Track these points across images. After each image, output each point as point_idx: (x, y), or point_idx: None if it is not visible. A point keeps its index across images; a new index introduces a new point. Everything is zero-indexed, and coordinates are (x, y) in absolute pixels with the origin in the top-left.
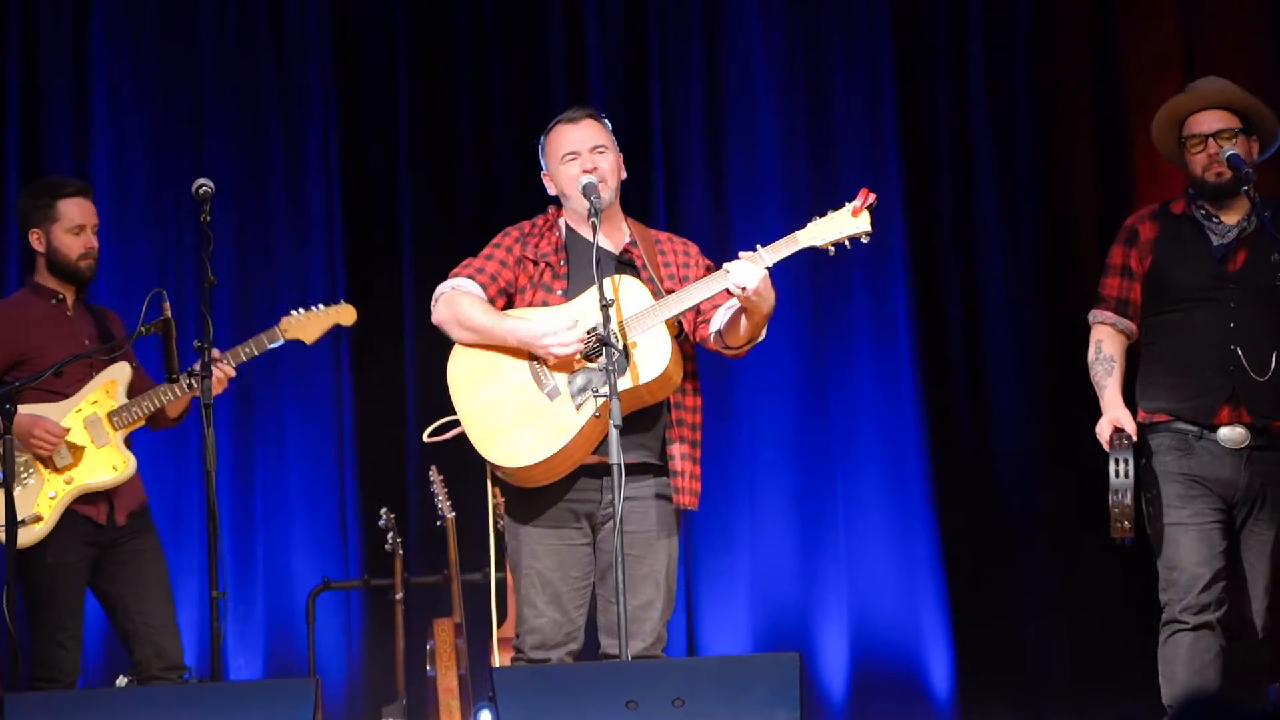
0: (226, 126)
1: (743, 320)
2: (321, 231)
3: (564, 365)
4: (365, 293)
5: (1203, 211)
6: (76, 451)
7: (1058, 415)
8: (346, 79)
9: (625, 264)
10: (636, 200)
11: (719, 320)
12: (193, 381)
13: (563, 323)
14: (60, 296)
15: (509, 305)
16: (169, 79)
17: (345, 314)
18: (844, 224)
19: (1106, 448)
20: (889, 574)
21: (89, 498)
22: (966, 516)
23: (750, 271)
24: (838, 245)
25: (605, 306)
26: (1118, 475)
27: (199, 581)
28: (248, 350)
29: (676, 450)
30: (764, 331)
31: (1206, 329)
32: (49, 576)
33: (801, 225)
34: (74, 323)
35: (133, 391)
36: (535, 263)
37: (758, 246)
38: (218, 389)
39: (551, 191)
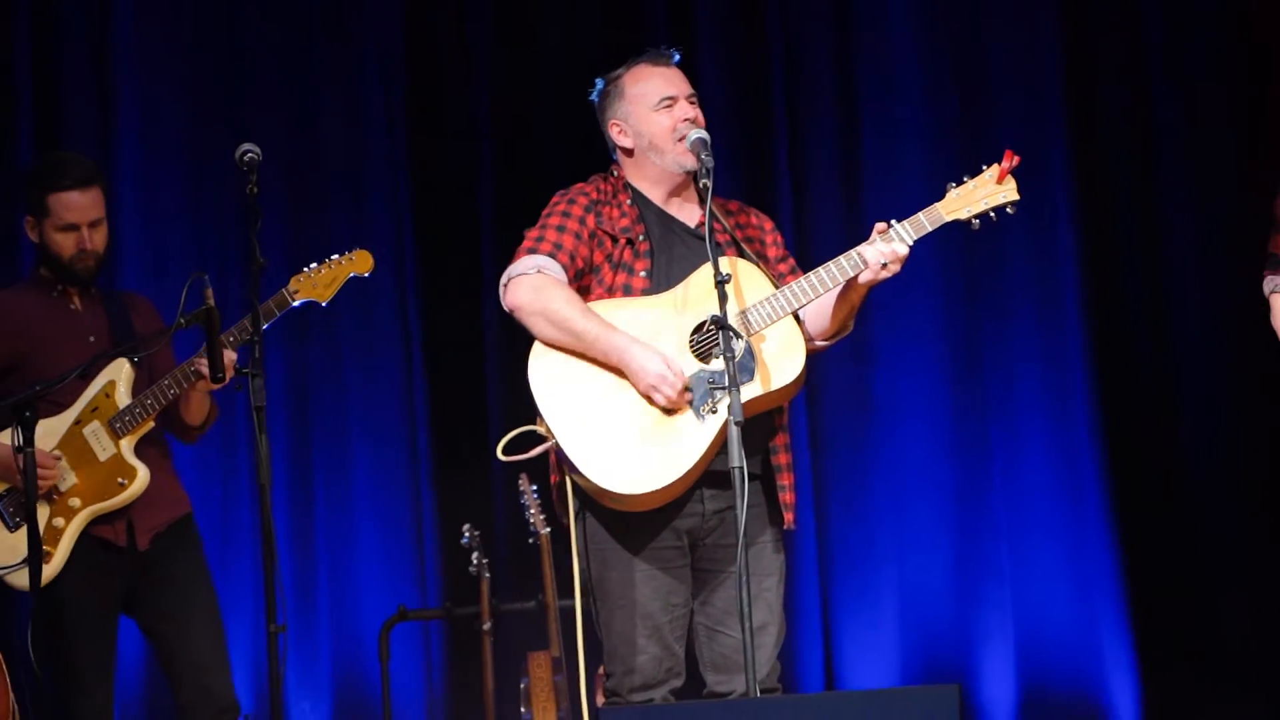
0: (272, 85)
1: (846, 302)
2: (387, 207)
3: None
4: (438, 273)
5: None
6: (81, 470)
7: (1258, 400)
8: (414, 30)
9: (701, 240)
10: (752, 163)
11: (807, 310)
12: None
13: (670, 363)
14: (61, 288)
15: (583, 289)
16: (203, 28)
17: (361, 262)
18: (987, 192)
19: None
20: (1061, 589)
21: (104, 518)
22: (1150, 520)
23: (893, 256)
24: (982, 217)
25: (721, 283)
26: None
27: (253, 615)
28: (253, 322)
29: (783, 459)
30: (853, 323)
31: None
32: (62, 613)
33: (944, 184)
34: (79, 317)
35: (139, 391)
36: (614, 238)
37: (892, 222)
38: (224, 378)
39: (625, 144)
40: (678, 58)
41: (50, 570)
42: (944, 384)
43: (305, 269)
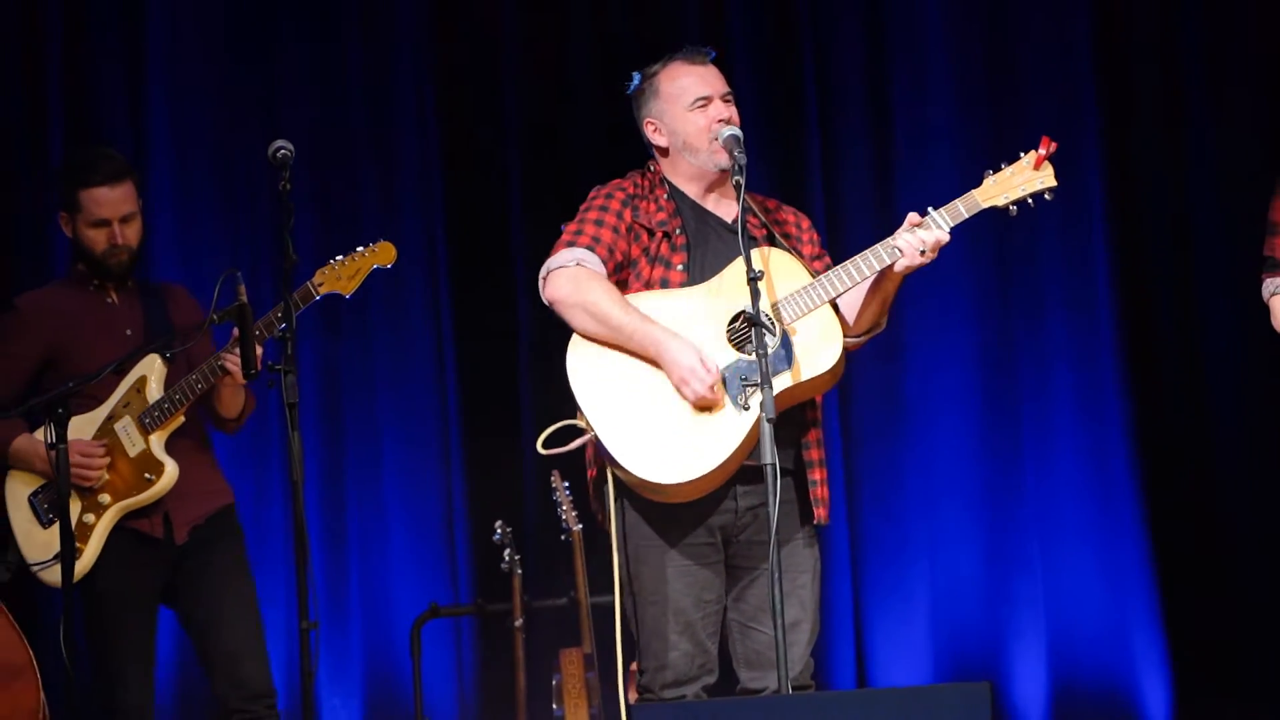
0: (303, 80)
1: (880, 296)
2: (417, 202)
3: (717, 358)
4: (470, 263)
5: None
6: (112, 465)
7: None
8: (445, 20)
9: (750, 238)
10: (781, 152)
11: (840, 304)
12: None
13: (704, 358)
14: (97, 283)
15: (620, 283)
16: (235, 24)
17: (384, 254)
18: (1024, 179)
19: None
20: (1093, 586)
21: (139, 512)
22: (1182, 515)
23: (930, 237)
24: (1020, 204)
25: (754, 279)
26: None
27: (286, 611)
28: (278, 316)
29: (815, 455)
30: (886, 320)
31: None
32: (100, 605)
33: (978, 180)
34: (115, 311)
35: (170, 386)
36: (651, 232)
37: (929, 210)
38: (242, 381)
39: (660, 143)
40: (714, 55)
41: (81, 566)
42: (975, 381)
43: (330, 262)
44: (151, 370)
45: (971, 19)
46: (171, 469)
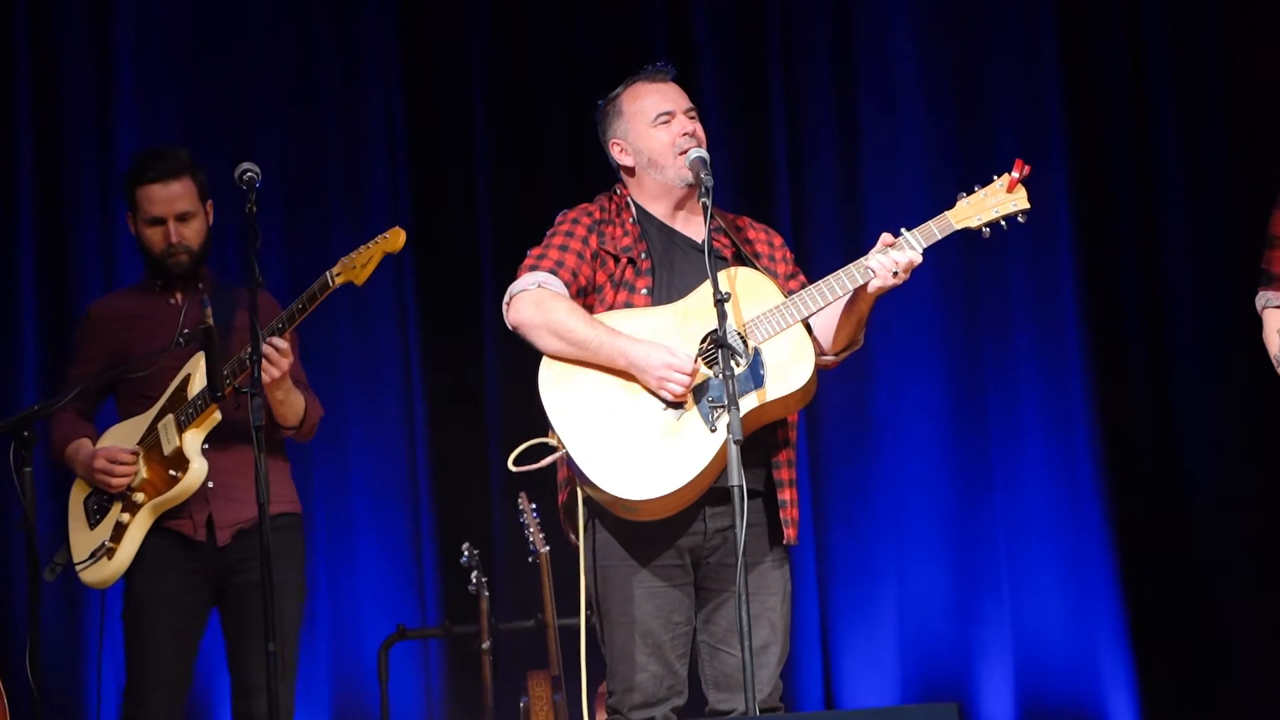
0: (272, 95)
1: (854, 315)
2: (385, 221)
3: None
4: (438, 289)
5: None
6: (150, 465)
7: (1256, 417)
8: (412, 36)
9: (719, 258)
10: (748, 171)
11: (815, 323)
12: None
13: (680, 347)
14: (162, 283)
15: (584, 308)
16: (207, 31)
17: (394, 240)
18: (998, 200)
19: None
20: (1061, 605)
21: (177, 512)
22: (1150, 535)
23: (903, 258)
24: (993, 226)
25: (720, 301)
26: None
27: None
28: (299, 308)
29: (785, 475)
30: (863, 337)
31: None
32: (135, 608)
33: (949, 202)
34: (176, 312)
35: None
36: (616, 258)
37: (902, 231)
38: (278, 373)
39: (626, 163)
40: (674, 73)
41: (116, 566)
42: (944, 401)
43: (349, 253)
44: (196, 368)
45: (941, 39)
46: (198, 466)
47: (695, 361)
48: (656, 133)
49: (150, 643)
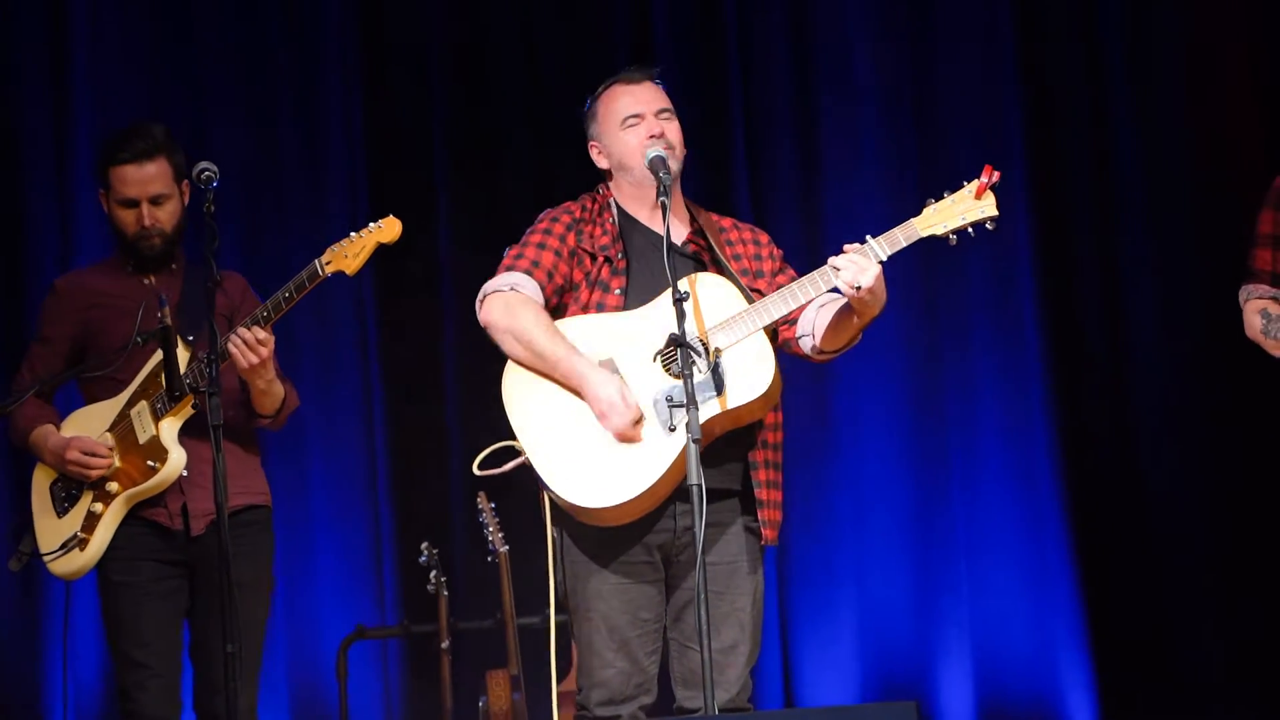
0: (230, 98)
1: (853, 319)
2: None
3: (646, 382)
4: (397, 290)
5: None
6: (124, 454)
7: (1214, 418)
8: (372, 42)
9: (688, 258)
10: (709, 179)
11: (810, 322)
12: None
13: (625, 394)
14: (133, 265)
15: (560, 306)
16: (160, 35)
17: (389, 229)
18: (966, 207)
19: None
20: (1019, 605)
21: (154, 501)
22: (1108, 536)
23: (864, 268)
24: (960, 233)
25: (679, 301)
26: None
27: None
28: (287, 296)
29: (763, 476)
30: (861, 335)
31: None
32: (113, 599)
33: (914, 209)
34: (149, 293)
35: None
36: (594, 257)
37: (868, 238)
38: (256, 360)
39: (603, 165)
40: (658, 72)
41: (88, 557)
42: (903, 402)
43: (341, 241)
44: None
45: (899, 55)
46: (176, 456)
47: (638, 410)
48: (625, 135)
49: (141, 631)
